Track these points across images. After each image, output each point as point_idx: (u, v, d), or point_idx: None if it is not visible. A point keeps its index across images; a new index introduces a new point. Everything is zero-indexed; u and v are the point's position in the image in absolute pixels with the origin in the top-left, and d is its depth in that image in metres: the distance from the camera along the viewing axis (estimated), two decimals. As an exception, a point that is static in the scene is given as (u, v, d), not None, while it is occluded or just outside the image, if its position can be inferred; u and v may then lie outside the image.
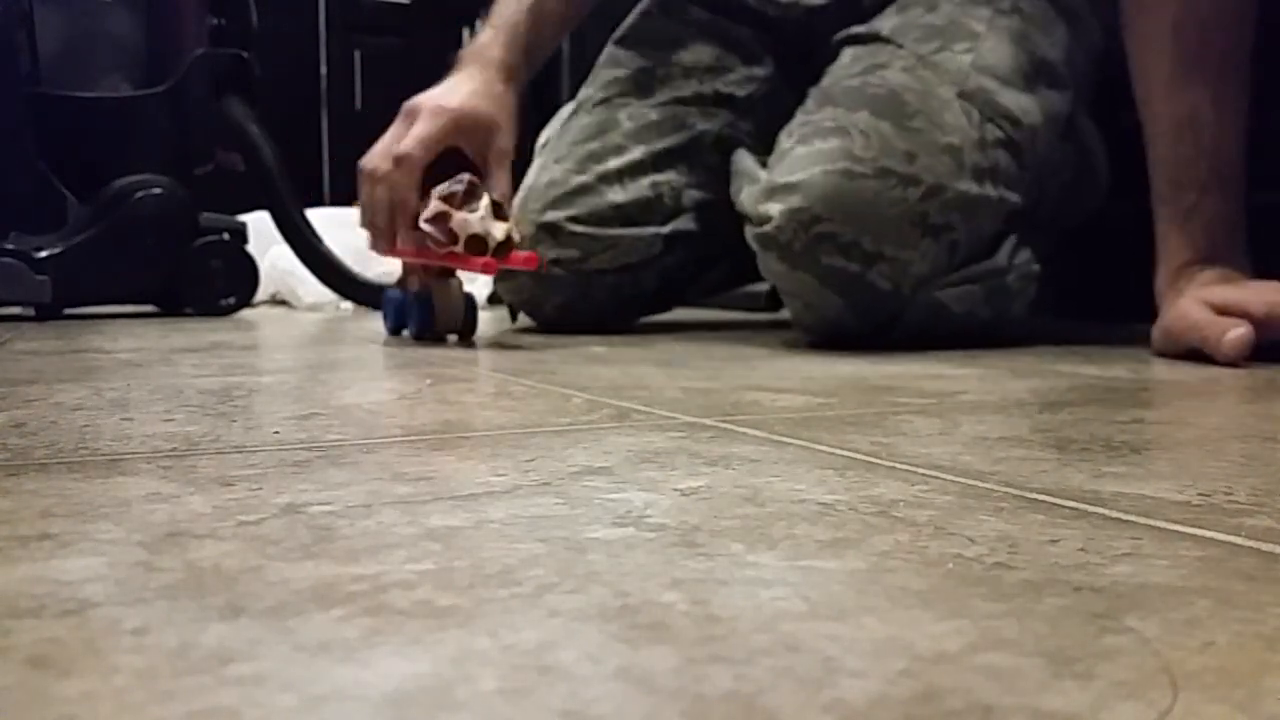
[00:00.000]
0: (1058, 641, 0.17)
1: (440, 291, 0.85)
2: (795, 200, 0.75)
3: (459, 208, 0.78)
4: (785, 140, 0.81)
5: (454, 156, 0.85)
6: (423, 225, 0.79)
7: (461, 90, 0.87)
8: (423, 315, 0.85)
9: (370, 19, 2.87)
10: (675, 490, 0.28)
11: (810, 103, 0.83)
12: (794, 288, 0.78)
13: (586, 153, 0.97)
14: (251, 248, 1.50)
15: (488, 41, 0.91)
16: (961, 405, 0.46)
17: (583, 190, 0.95)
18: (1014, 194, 0.80)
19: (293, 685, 0.15)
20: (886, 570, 0.21)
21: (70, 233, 1.36)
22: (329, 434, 0.37)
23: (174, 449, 0.34)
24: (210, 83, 1.44)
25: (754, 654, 0.16)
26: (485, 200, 0.78)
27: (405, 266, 0.91)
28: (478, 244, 0.77)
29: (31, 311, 1.34)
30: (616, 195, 0.95)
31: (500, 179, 0.86)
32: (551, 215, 0.93)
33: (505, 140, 0.87)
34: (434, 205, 0.78)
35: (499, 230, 0.77)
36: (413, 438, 0.37)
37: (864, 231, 0.74)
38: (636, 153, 0.97)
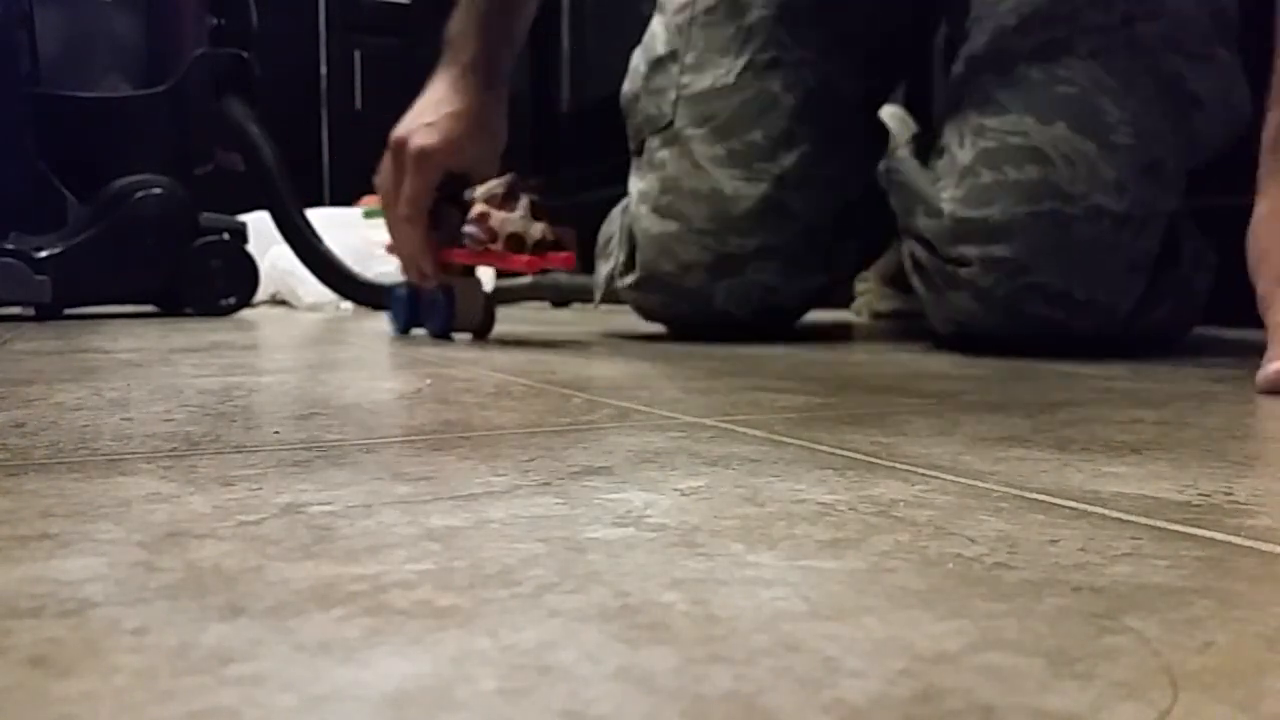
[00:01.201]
0: (1058, 641, 0.17)
1: (463, 289, 0.86)
2: (998, 250, 0.68)
3: (499, 208, 0.80)
4: (960, 147, 0.71)
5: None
6: (466, 228, 0.81)
7: (442, 118, 0.82)
8: (445, 313, 0.85)
9: (370, 19, 2.88)
10: (675, 490, 0.28)
11: (975, 90, 0.72)
12: (982, 324, 0.71)
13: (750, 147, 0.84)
14: (251, 248, 1.50)
15: (461, 33, 0.85)
16: (961, 405, 0.46)
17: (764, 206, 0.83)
18: (1184, 179, 0.72)
19: (293, 685, 0.15)
20: (886, 570, 0.21)
21: (70, 233, 1.36)
22: (329, 434, 0.37)
23: (174, 449, 0.34)
24: (210, 83, 1.44)
25: (754, 654, 0.16)
26: (525, 200, 0.80)
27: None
28: (516, 242, 0.79)
29: (31, 311, 1.34)
30: (794, 203, 0.84)
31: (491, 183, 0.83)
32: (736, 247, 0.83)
33: (491, 157, 0.85)
34: (477, 207, 0.80)
35: (536, 230, 0.79)
36: (413, 438, 0.37)
37: (1077, 281, 0.68)
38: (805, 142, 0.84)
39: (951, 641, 0.17)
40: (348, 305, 1.56)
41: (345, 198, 2.33)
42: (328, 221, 1.61)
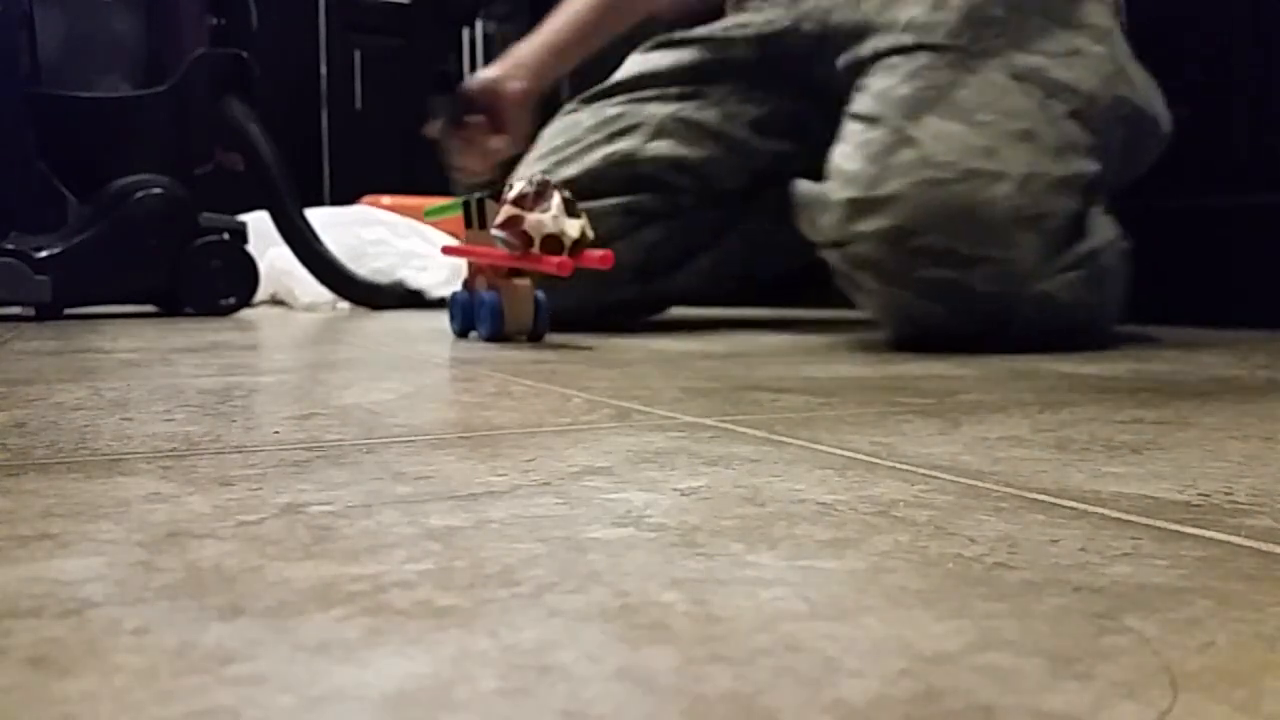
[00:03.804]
0: (1058, 641, 0.17)
1: (509, 293, 0.84)
2: (885, 219, 0.73)
3: (530, 209, 0.78)
4: (847, 161, 0.79)
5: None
6: (493, 232, 0.79)
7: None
8: (493, 318, 0.84)
9: (370, 19, 2.88)
10: (675, 490, 0.28)
11: (856, 124, 0.81)
12: (891, 303, 0.76)
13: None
14: (251, 248, 1.50)
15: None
16: (961, 405, 0.46)
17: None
18: (1091, 163, 0.78)
19: (293, 685, 0.15)
20: (886, 570, 0.21)
21: (70, 233, 1.36)
22: (329, 434, 0.37)
23: (174, 449, 0.34)
24: (210, 83, 1.44)
25: (754, 654, 0.16)
26: (557, 199, 0.78)
27: (471, 268, 0.91)
28: (553, 244, 0.77)
29: (31, 311, 1.34)
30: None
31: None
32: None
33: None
34: (506, 210, 0.78)
35: (573, 228, 0.77)
36: (413, 438, 0.37)
37: (960, 238, 0.72)
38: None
39: (951, 641, 0.17)
40: (344, 305, 1.56)
41: (345, 197, 2.33)
42: (326, 221, 1.62)
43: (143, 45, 1.45)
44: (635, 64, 1.09)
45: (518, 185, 0.79)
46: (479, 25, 2.73)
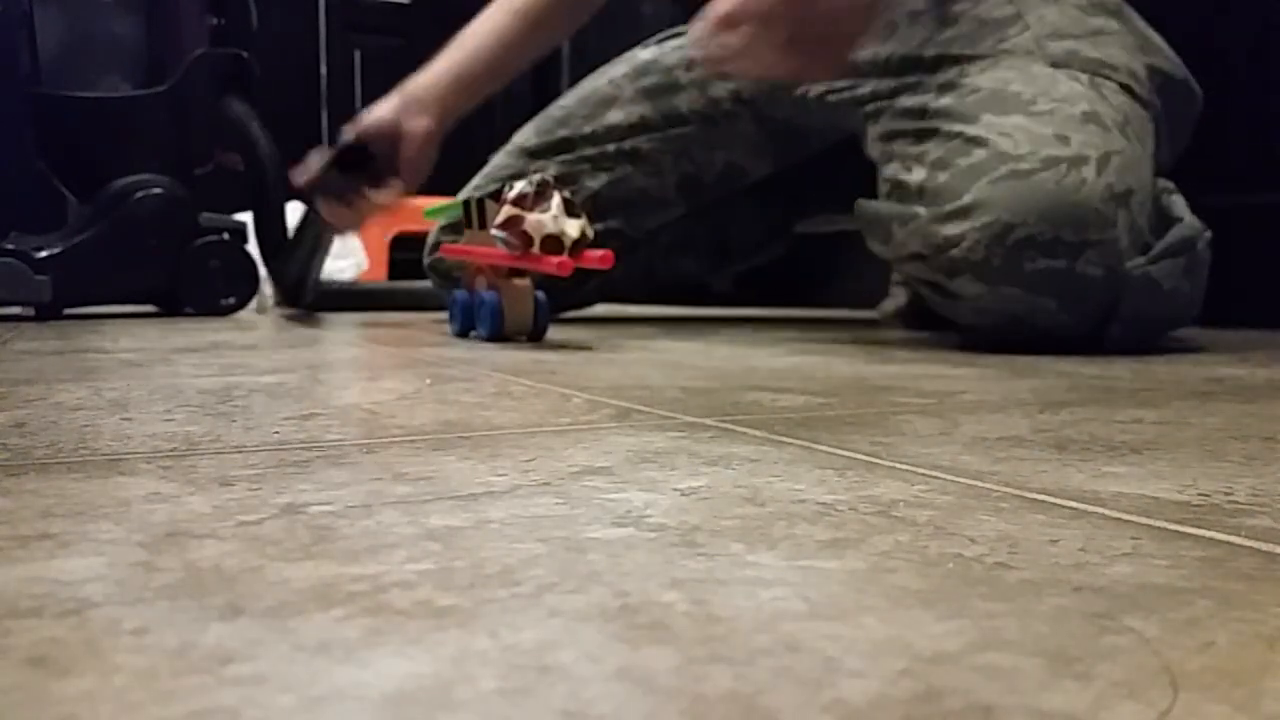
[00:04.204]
0: (1058, 641, 0.17)
1: (509, 293, 0.84)
2: (982, 217, 0.71)
3: (530, 209, 0.78)
4: (906, 172, 0.77)
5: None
6: (493, 232, 0.79)
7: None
8: (493, 318, 0.84)
9: (370, 19, 2.87)
10: (675, 490, 0.28)
11: (900, 143, 0.80)
12: (995, 305, 0.74)
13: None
14: (251, 248, 1.50)
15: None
16: (961, 405, 0.46)
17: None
18: (1149, 138, 0.78)
19: (293, 685, 0.15)
20: (886, 570, 0.21)
21: (70, 233, 1.36)
22: (329, 434, 0.37)
23: (174, 449, 0.34)
24: (210, 83, 1.44)
25: (754, 654, 0.16)
26: (557, 199, 0.78)
27: (471, 268, 0.91)
28: (553, 244, 0.77)
29: (31, 311, 1.34)
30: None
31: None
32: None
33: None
34: (506, 210, 0.78)
35: (573, 228, 0.77)
36: (413, 438, 0.37)
37: (1061, 224, 0.70)
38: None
39: (951, 641, 0.17)
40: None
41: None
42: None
43: (143, 45, 1.45)
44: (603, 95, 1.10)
45: (518, 185, 0.79)
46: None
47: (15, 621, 0.17)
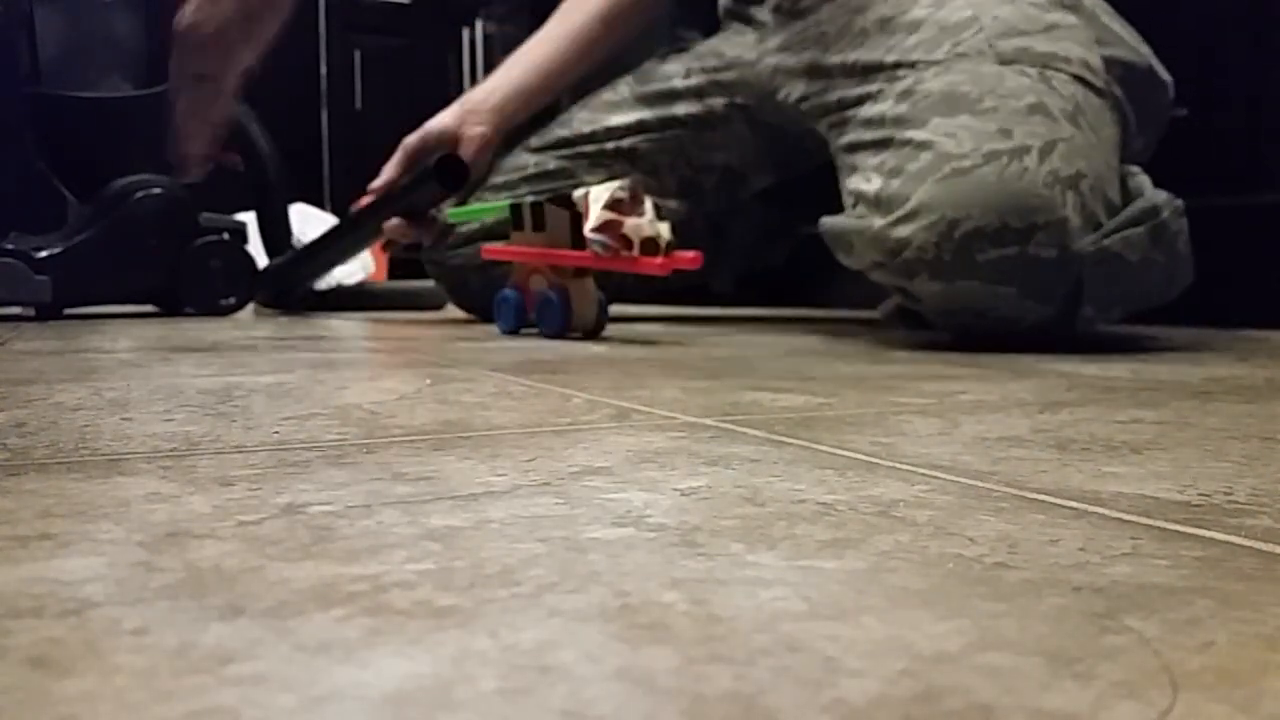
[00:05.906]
0: (1058, 641, 0.17)
1: (578, 291, 0.88)
2: (928, 216, 0.73)
3: (628, 214, 0.82)
4: (866, 184, 0.79)
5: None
6: (588, 234, 0.83)
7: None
8: (561, 315, 0.88)
9: (370, 19, 2.87)
10: (675, 490, 0.28)
11: (861, 154, 0.82)
12: (955, 300, 0.75)
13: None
14: (251, 248, 1.50)
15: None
16: (961, 405, 0.46)
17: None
18: (1107, 126, 0.78)
19: (293, 685, 0.15)
20: (886, 570, 0.21)
21: (70, 233, 1.36)
22: (329, 434, 0.37)
23: (174, 449, 0.34)
24: (210, 83, 1.44)
25: (754, 654, 0.16)
26: (649, 203, 0.83)
27: (522, 269, 0.94)
28: (650, 246, 0.81)
29: (31, 311, 1.34)
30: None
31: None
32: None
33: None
34: (602, 214, 0.82)
35: (665, 230, 0.82)
36: (413, 438, 0.37)
37: (1006, 212, 0.71)
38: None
39: (951, 641, 0.17)
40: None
41: (345, 197, 2.33)
42: (303, 218, 1.63)
43: (143, 45, 1.45)
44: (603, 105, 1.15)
45: (611, 190, 0.82)
46: (479, 25, 2.73)
47: (15, 621, 0.17)
